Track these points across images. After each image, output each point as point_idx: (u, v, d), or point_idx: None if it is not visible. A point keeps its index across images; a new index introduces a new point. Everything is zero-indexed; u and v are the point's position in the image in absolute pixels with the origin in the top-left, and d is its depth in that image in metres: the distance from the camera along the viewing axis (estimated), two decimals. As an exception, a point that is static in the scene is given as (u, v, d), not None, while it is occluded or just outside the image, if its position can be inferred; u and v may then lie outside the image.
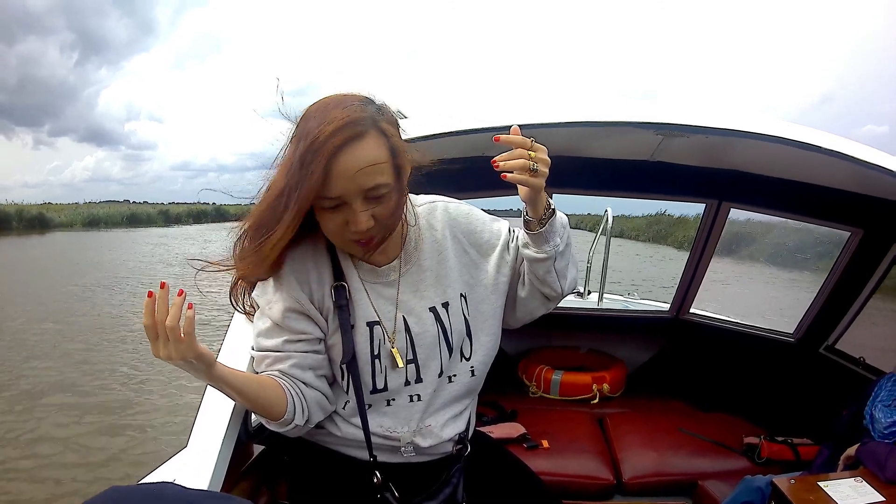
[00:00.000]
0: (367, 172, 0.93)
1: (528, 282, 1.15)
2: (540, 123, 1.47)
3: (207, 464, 1.06)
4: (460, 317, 1.13)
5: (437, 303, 1.12)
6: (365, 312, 1.08)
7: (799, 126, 1.46)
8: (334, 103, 0.96)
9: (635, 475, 1.97)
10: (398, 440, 1.10)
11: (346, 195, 0.94)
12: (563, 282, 1.13)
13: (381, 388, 1.09)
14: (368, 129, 0.94)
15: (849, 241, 2.11)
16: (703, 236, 2.46)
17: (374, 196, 0.96)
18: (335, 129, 0.91)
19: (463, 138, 1.46)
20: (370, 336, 1.08)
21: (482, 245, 1.16)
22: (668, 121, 1.49)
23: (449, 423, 1.14)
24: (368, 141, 0.94)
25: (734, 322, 2.72)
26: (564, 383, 2.56)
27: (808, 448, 1.99)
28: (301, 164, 0.92)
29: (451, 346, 1.12)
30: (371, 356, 1.08)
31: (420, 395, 1.11)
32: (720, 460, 2.02)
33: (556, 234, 1.07)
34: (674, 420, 2.26)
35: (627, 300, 3.65)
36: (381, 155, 0.95)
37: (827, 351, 2.27)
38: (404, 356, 1.09)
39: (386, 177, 0.96)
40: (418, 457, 1.14)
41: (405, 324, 1.10)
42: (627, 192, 2.50)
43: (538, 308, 1.19)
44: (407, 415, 1.11)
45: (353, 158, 0.92)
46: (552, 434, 2.13)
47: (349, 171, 0.92)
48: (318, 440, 1.15)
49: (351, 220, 0.96)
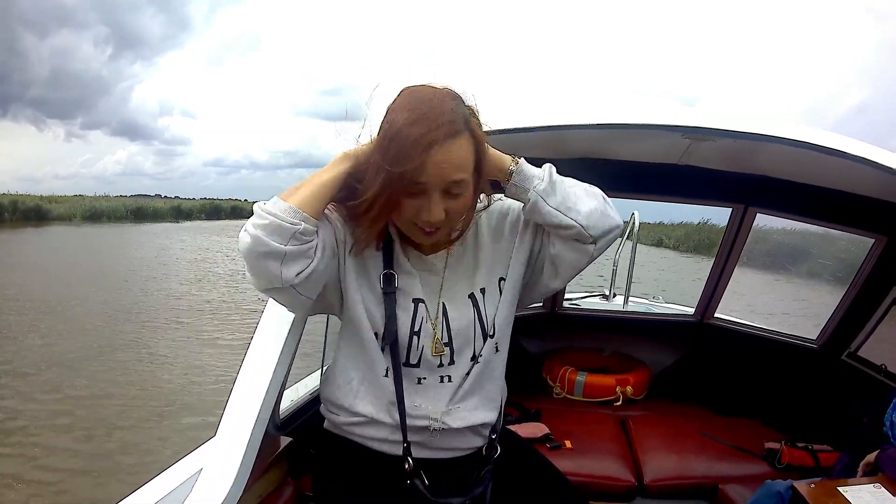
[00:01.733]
0: (455, 166, 1.00)
1: (552, 235, 1.16)
2: (569, 125, 1.50)
3: (236, 454, 1.12)
4: (495, 301, 1.18)
5: (476, 289, 1.17)
6: (413, 290, 1.14)
7: (825, 132, 1.47)
8: (431, 95, 1.03)
9: (656, 477, 2.00)
10: (427, 417, 1.13)
11: (431, 183, 1.00)
12: (573, 214, 1.11)
13: (413, 363, 1.13)
14: (464, 130, 1.01)
15: (873, 247, 2.11)
16: (728, 241, 2.47)
17: (453, 191, 1.02)
18: (431, 126, 0.98)
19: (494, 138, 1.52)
20: (414, 312, 1.13)
21: (512, 224, 1.21)
22: (697, 124, 1.51)
23: (479, 408, 1.17)
24: (462, 140, 1.01)
25: (757, 327, 2.72)
26: (588, 385, 2.60)
27: (828, 454, 2.00)
28: (394, 150, 0.98)
29: (486, 331, 1.16)
30: (410, 332, 1.12)
31: (451, 377, 1.15)
32: (741, 464, 2.04)
33: (530, 178, 1.11)
34: (696, 423, 2.28)
35: (652, 303, 3.66)
36: (468, 156, 1.03)
37: (849, 358, 2.28)
38: (441, 339, 1.13)
39: (467, 175, 1.03)
40: (448, 451, 1.16)
41: (444, 309, 1.15)
42: (655, 196, 2.52)
43: (573, 256, 1.16)
44: (437, 394, 1.14)
45: (447, 153, 0.99)
46: (575, 435, 2.17)
47: (440, 163, 0.98)
48: (347, 434, 1.17)
49: (425, 209, 1.02)
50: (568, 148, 1.92)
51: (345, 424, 1.17)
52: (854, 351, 2.26)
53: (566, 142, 1.84)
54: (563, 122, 1.52)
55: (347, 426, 1.17)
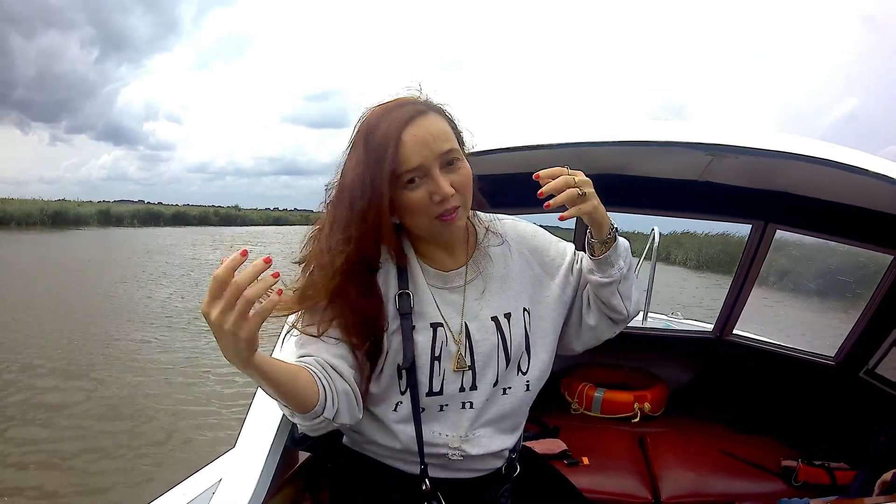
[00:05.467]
0: (438, 138, 1.00)
1: (594, 307, 1.17)
2: (591, 142, 1.53)
3: (255, 468, 1.14)
4: (521, 330, 1.14)
5: (500, 313, 1.13)
6: (430, 314, 1.10)
7: (846, 149, 1.49)
8: (392, 102, 1.05)
9: (673, 495, 2.00)
10: (446, 445, 1.10)
11: (426, 162, 0.99)
12: (628, 304, 1.15)
13: (436, 391, 1.09)
14: (430, 110, 1.03)
15: (892, 264, 2.12)
16: (748, 257, 2.47)
17: (449, 161, 1.01)
18: (398, 105, 1.01)
19: (506, 155, 1.50)
20: (433, 337, 1.09)
21: (547, 263, 1.19)
22: (719, 141, 1.53)
23: (498, 435, 1.14)
24: (432, 115, 1.02)
25: (776, 344, 2.72)
26: (606, 401, 2.60)
27: (844, 472, 1.99)
28: (373, 149, 0.98)
29: (510, 357, 1.13)
30: (431, 357, 1.08)
31: (472, 403, 1.11)
32: (758, 482, 2.04)
33: (620, 257, 1.11)
34: (713, 441, 2.28)
35: (671, 319, 3.66)
36: (445, 127, 1.03)
37: (867, 375, 2.27)
38: (465, 356, 1.10)
39: (455, 145, 1.02)
40: (467, 472, 1.14)
41: (466, 329, 1.11)
42: (675, 212, 2.53)
43: (605, 331, 1.21)
44: (457, 420, 1.11)
45: (422, 128, 0.99)
46: (592, 451, 2.18)
47: (422, 138, 0.98)
48: (366, 450, 1.16)
49: (434, 188, 1.00)
50: (589, 164, 1.95)
51: (363, 442, 1.16)
52: (872, 368, 2.26)
53: (587, 158, 1.85)
54: (584, 139, 1.54)
55: (365, 444, 1.16)
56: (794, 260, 4.92)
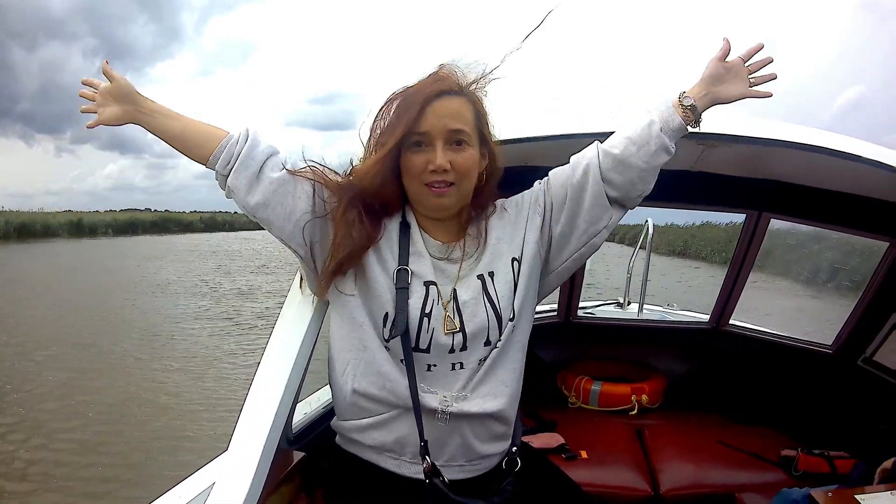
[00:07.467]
0: (454, 117, 1.11)
1: (606, 180, 1.22)
2: (581, 133, 1.50)
3: (248, 469, 1.11)
4: (509, 279, 1.19)
5: (485, 271, 1.18)
6: (425, 272, 1.16)
7: (839, 135, 1.47)
8: (430, 77, 1.15)
9: (672, 487, 1.99)
10: (440, 402, 1.12)
11: (433, 131, 1.10)
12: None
13: (423, 348, 1.12)
14: (461, 94, 1.14)
15: (887, 251, 2.11)
16: (743, 247, 2.47)
17: (455, 140, 1.12)
18: (434, 80, 1.13)
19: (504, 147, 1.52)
20: (425, 294, 1.14)
21: (520, 205, 1.26)
22: (710, 130, 1.49)
23: (492, 395, 1.15)
24: (459, 99, 1.13)
25: (773, 334, 2.70)
26: (603, 394, 2.59)
27: (844, 461, 1.98)
28: (400, 109, 1.11)
29: (498, 313, 1.16)
30: (421, 313, 1.12)
31: (463, 364, 1.14)
32: (757, 473, 2.03)
33: None
34: (711, 432, 2.28)
35: (666, 311, 3.65)
36: (467, 113, 1.13)
37: (865, 363, 2.26)
38: (452, 318, 1.13)
39: (469, 129, 1.13)
40: (466, 472, 1.16)
41: (454, 293, 1.15)
42: (668, 202, 2.50)
43: (601, 216, 1.23)
44: (447, 382, 1.14)
45: (445, 105, 1.11)
46: (590, 444, 2.17)
47: (439, 112, 1.10)
48: (358, 449, 1.17)
49: (431, 158, 1.10)
50: None
51: (354, 431, 1.17)
52: (870, 356, 2.25)
53: (579, 149, 1.86)
54: (577, 130, 1.52)
55: (357, 432, 1.17)
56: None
